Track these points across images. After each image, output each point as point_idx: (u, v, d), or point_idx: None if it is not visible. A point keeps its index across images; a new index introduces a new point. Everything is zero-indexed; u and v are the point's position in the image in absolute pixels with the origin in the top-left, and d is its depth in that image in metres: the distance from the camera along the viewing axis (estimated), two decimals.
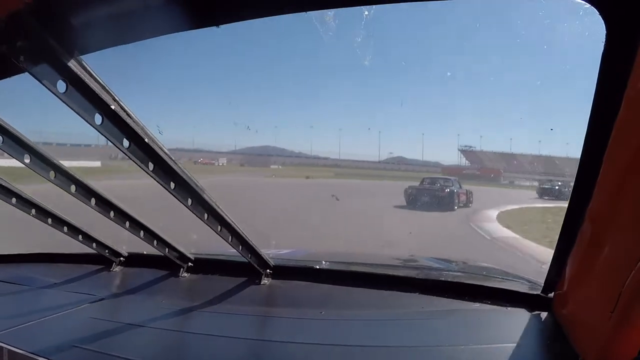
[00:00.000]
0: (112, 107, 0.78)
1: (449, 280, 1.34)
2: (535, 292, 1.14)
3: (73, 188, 1.11)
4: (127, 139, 0.84)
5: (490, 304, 1.17)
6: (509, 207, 13.58)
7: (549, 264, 1.03)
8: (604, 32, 0.58)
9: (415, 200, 13.47)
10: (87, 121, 0.78)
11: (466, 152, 44.74)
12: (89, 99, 0.75)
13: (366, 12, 0.73)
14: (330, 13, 0.74)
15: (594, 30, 0.59)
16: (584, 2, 0.57)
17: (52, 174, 1.06)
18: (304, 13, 0.68)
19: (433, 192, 14.03)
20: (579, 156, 0.76)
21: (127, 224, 1.27)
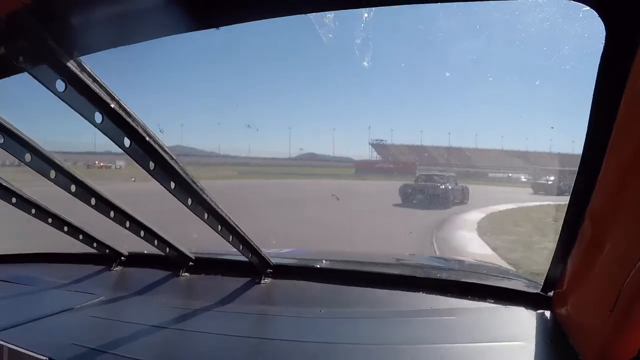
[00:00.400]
0: (112, 105, 0.78)
1: (448, 278, 1.34)
2: (534, 291, 1.14)
3: (73, 188, 1.12)
4: (127, 138, 0.85)
5: (489, 302, 1.17)
6: (470, 215, 10.51)
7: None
8: (604, 33, 0.58)
9: (411, 198, 13.45)
10: (87, 120, 0.78)
11: (377, 146, 44.72)
12: (88, 98, 0.76)
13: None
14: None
15: (593, 32, 0.59)
16: (583, 4, 0.57)
17: (52, 173, 1.06)
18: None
19: (428, 189, 14.01)
20: (580, 155, 0.76)
21: (128, 223, 1.27)
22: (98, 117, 0.79)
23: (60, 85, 0.72)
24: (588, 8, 0.57)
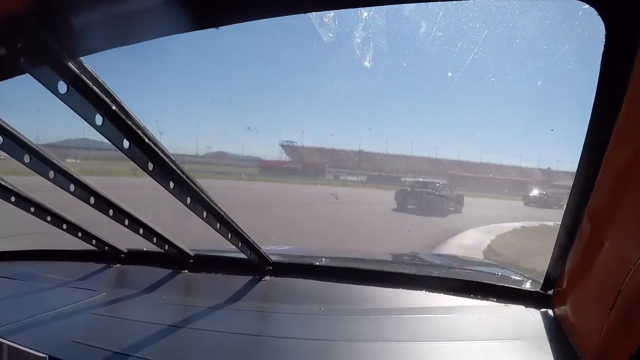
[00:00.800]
0: (113, 107, 0.77)
1: (449, 276, 1.34)
2: (534, 289, 1.15)
3: (72, 187, 1.12)
4: (127, 140, 0.84)
5: (489, 300, 1.18)
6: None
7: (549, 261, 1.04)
8: (604, 32, 0.58)
9: (406, 204, 13.56)
10: (88, 122, 0.78)
11: (287, 147, 45.10)
12: (89, 100, 0.75)
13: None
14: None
15: (593, 31, 0.59)
16: (583, 2, 0.57)
17: (51, 173, 1.06)
18: None
19: (423, 196, 14.05)
20: (578, 156, 0.77)
21: (127, 221, 1.27)
22: (99, 119, 0.78)
23: (62, 87, 0.72)
24: (588, 6, 0.57)
